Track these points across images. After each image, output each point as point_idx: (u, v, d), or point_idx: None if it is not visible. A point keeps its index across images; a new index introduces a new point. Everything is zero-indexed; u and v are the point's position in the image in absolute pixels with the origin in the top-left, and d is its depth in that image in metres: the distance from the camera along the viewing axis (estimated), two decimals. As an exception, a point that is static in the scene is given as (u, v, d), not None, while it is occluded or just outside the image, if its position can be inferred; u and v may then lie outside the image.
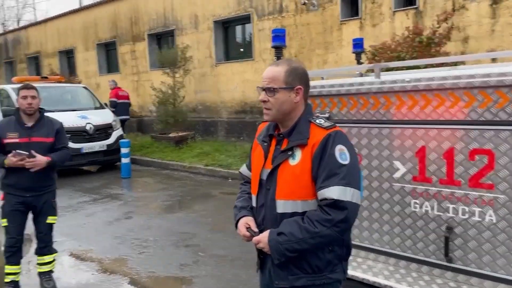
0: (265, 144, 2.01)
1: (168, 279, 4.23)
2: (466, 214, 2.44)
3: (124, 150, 9.16)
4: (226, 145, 10.75)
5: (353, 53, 4.29)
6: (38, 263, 4.01)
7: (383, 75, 3.00)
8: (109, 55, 16.74)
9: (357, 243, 2.87)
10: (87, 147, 9.45)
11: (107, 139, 9.82)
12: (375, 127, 2.72)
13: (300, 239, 1.79)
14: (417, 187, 2.57)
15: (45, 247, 3.95)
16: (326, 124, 1.89)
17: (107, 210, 6.68)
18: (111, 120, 10.19)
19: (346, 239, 1.93)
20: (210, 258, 4.67)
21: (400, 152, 2.63)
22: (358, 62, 4.28)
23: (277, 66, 1.95)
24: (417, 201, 2.58)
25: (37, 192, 3.77)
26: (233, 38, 12.94)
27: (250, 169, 2.13)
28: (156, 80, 12.53)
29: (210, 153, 9.98)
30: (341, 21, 9.87)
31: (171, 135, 11.45)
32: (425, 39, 6.99)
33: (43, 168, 3.70)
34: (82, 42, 17.26)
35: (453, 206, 2.46)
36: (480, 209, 2.40)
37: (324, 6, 10.12)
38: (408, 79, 2.53)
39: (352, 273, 2.71)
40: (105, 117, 10.23)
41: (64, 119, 9.59)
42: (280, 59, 3.19)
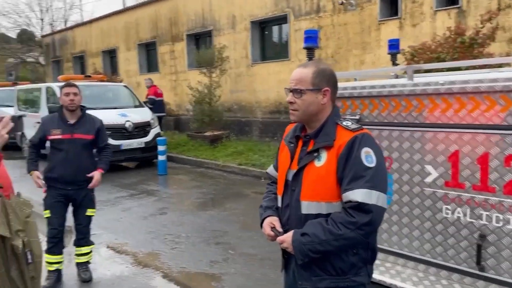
0: (291, 145, 2.02)
1: (198, 275, 4.32)
2: (500, 222, 2.36)
3: (160, 148, 9.40)
4: (260, 145, 10.80)
5: (388, 54, 4.21)
6: (76, 254, 4.20)
7: (421, 76, 2.94)
8: (149, 55, 17.20)
9: (386, 248, 2.83)
10: (126, 144, 9.75)
11: (145, 136, 10.10)
12: (406, 130, 2.67)
13: (323, 240, 1.79)
14: (449, 192, 2.50)
15: (83, 238, 4.14)
16: (353, 126, 1.88)
17: (143, 206, 6.88)
18: (149, 118, 10.47)
19: (372, 242, 1.91)
20: (239, 256, 4.72)
21: (432, 156, 2.57)
22: (394, 64, 4.20)
23: (305, 67, 1.95)
24: (448, 207, 2.51)
25: (78, 186, 3.96)
26: (269, 38, 12.98)
27: (277, 170, 2.15)
28: (193, 80, 12.78)
29: (244, 152, 10.06)
30: (379, 21, 9.70)
31: (206, 134, 11.63)
32: (467, 40, 6.75)
33: (84, 162, 3.91)
34: (124, 42, 17.83)
35: (486, 213, 2.38)
36: (515, 217, 2.31)
37: (362, 6, 9.97)
38: (442, 82, 2.47)
39: (380, 277, 2.67)
40: (143, 115, 10.53)
41: (105, 117, 9.97)
42: (312, 60, 3.19)
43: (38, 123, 4.34)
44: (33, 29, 35.35)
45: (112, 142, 9.46)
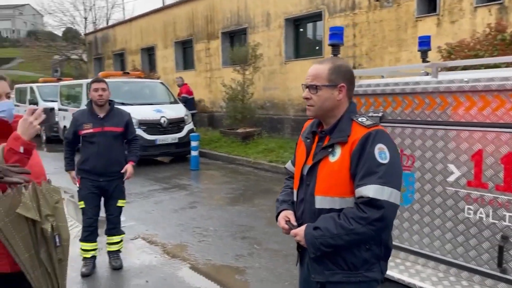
0: (308, 140, 2.05)
1: (223, 267, 4.41)
2: (525, 224, 2.29)
3: (193, 143, 9.60)
4: (291, 142, 10.79)
5: (418, 51, 4.13)
6: (107, 243, 4.39)
7: (456, 74, 2.88)
8: (185, 52, 17.53)
9: (406, 247, 2.81)
10: (160, 139, 10.02)
11: (179, 132, 10.34)
12: (429, 128, 2.63)
13: (334, 234, 1.81)
14: (472, 192, 2.45)
15: (114, 228, 4.32)
16: (368, 123, 1.88)
17: (174, 199, 7.07)
18: (184, 114, 10.71)
19: (385, 239, 1.91)
20: (265, 251, 4.78)
21: (455, 155, 2.52)
22: (424, 61, 4.11)
23: (321, 64, 1.98)
24: (471, 207, 2.46)
25: (110, 177, 4.14)
26: (303, 35, 12.93)
27: (294, 165, 2.19)
28: (227, 77, 12.93)
29: (275, 149, 10.10)
30: (416, 17, 9.46)
31: (238, 130, 11.75)
32: (508, 37, 6.49)
33: (115, 154, 4.09)
34: (161, 40, 18.26)
35: (510, 214, 2.32)
36: (541, 220, 2.24)
37: (399, 2, 9.76)
38: (466, 79, 2.42)
39: (399, 276, 2.65)
40: (178, 111, 10.77)
41: (141, 112, 10.30)
42: (336, 57, 3.20)
43: None
44: (77, 27, 36.86)
45: (147, 137, 9.79)
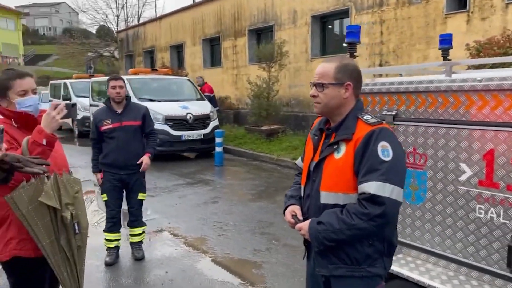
0: (315, 137, 2.11)
1: (241, 261, 4.51)
2: (536, 225, 2.26)
3: (218, 140, 9.75)
4: (316, 140, 10.78)
5: (439, 49, 4.07)
6: (130, 234, 4.57)
7: (472, 72, 2.85)
8: (213, 49, 17.74)
9: (417, 245, 2.81)
10: (186, 135, 10.24)
11: (204, 128, 10.52)
12: (442, 127, 2.63)
13: (337, 229, 1.86)
14: (483, 192, 2.44)
15: (135, 220, 4.49)
16: (373, 121, 1.92)
17: (197, 194, 7.23)
18: (209, 111, 10.88)
19: (388, 235, 1.95)
20: (282, 247, 4.85)
21: (467, 154, 2.51)
22: (445, 59, 4.05)
23: (328, 62, 2.03)
24: (482, 206, 2.45)
25: (130, 170, 4.31)
26: (330, 33, 12.85)
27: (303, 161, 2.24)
28: (253, 74, 13.02)
29: (299, 147, 10.12)
30: (445, 14, 9.26)
31: (263, 127, 11.83)
32: (539, 34, 6.29)
33: (134, 147, 4.25)
34: (190, 37, 18.54)
35: (520, 214, 2.30)
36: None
37: (427, -1, 9.57)
38: (479, 78, 2.41)
39: (408, 274, 2.67)
40: (204, 108, 10.96)
41: (167, 109, 10.51)
42: (353, 55, 3.21)
43: None
44: (110, 25, 37.85)
45: (174, 133, 10.01)
